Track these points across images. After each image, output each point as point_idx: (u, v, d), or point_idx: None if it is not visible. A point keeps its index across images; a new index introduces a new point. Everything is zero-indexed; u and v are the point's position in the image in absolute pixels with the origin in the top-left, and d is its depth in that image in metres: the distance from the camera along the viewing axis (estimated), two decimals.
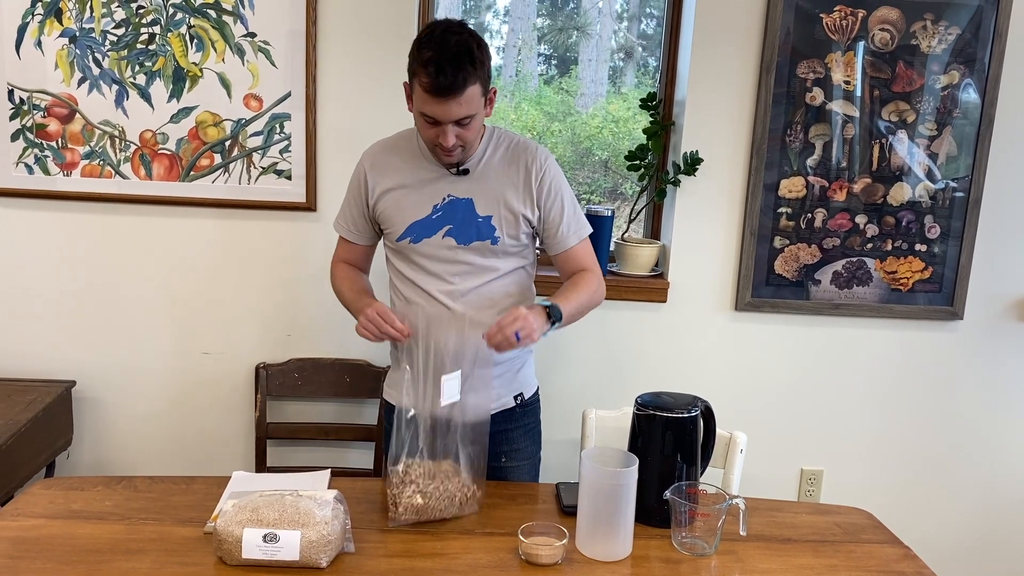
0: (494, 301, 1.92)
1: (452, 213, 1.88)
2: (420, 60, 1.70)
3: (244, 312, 2.65)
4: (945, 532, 2.85)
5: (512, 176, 1.89)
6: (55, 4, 2.45)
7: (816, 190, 2.62)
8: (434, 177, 1.90)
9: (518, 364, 2.02)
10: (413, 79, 1.75)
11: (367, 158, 1.98)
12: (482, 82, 1.74)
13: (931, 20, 2.53)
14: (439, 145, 1.79)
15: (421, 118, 1.77)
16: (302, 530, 1.49)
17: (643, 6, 3.41)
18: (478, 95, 1.74)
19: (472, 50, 1.70)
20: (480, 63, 1.72)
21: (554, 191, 1.91)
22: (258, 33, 2.48)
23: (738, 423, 2.27)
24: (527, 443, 2.06)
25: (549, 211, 1.91)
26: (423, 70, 1.69)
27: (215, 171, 2.56)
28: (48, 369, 2.65)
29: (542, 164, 1.90)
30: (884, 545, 1.72)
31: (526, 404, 2.05)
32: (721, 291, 2.70)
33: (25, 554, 1.52)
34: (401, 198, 1.91)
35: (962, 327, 2.74)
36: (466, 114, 1.74)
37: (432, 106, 1.72)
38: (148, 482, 1.83)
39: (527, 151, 1.91)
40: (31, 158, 2.53)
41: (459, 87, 1.69)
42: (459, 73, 1.68)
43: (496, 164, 1.90)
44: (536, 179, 1.89)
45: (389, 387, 2.11)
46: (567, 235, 1.94)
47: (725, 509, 1.64)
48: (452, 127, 1.75)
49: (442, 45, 1.68)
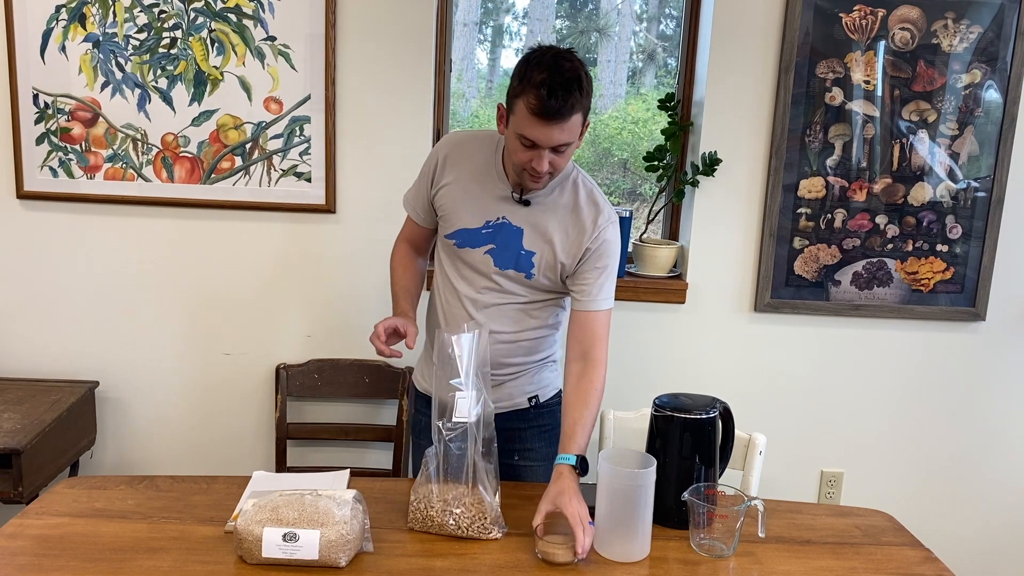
0: (515, 320, 1.93)
1: (499, 235, 1.87)
2: (532, 81, 1.66)
3: (264, 313, 2.67)
4: (966, 534, 2.83)
5: (569, 225, 1.86)
6: (79, 9, 2.48)
7: (836, 190, 2.60)
8: (497, 196, 1.87)
9: (536, 369, 2.02)
10: (516, 99, 1.70)
11: (447, 145, 1.95)
12: (584, 112, 1.73)
13: (952, 19, 2.51)
14: (530, 170, 1.75)
15: (517, 140, 1.73)
16: (321, 529, 1.50)
17: (662, 7, 3.40)
18: (579, 124, 1.72)
19: (582, 78, 1.69)
20: (587, 93, 1.71)
21: (608, 255, 1.87)
22: (278, 37, 2.50)
23: (757, 424, 2.26)
24: (541, 444, 2.05)
25: (587, 272, 1.87)
26: (534, 91, 1.65)
27: (236, 174, 2.58)
28: (72, 370, 2.68)
29: (603, 228, 1.86)
30: (904, 547, 1.71)
31: (542, 406, 2.05)
32: (740, 292, 2.69)
33: (49, 552, 1.54)
34: (460, 201, 1.90)
35: (984, 328, 2.71)
36: (567, 141, 1.71)
37: (535, 129, 1.68)
38: (170, 481, 1.85)
39: (595, 208, 1.87)
40: (55, 161, 2.56)
41: (566, 113, 1.67)
42: (569, 98, 1.65)
43: (560, 207, 1.87)
44: (590, 239, 1.85)
45: (421, 376, 2.11)
46: (599, 298, 1.88)
47: (744, 511, 1.63)
48: (548, 153, 1.72)
49: (555, 69, 1.66)
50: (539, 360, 2.02)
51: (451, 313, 1.95)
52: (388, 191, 2.46)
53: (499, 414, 1.97)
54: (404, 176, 2.16)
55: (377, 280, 2.60)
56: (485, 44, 4.11)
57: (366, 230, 2.60)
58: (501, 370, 1.95)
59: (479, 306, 1.92)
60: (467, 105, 3.71)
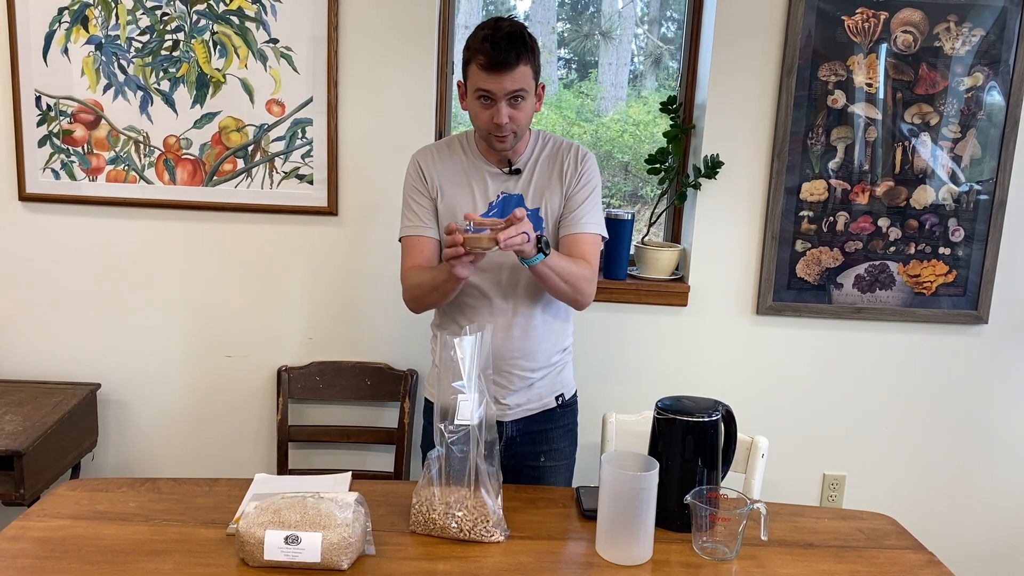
0: (541, 292, 1.96)
1: (506, 208, 1.94)
2: (476, 39, 1.82)
3: (266, 316, 2.67)
4: (969, 538, 2.82)
5: (556, 169, 1.99)
6: (81, 12, 2.48)
7: (838, 193, 2.60)
8: (487, 176, 1.98)
9: (560, 366, 2.07)
10: (468, 65, 1.85)
11: (420, 157, 2.02)
12: (533, 68, 1.86)
13: (955, 22, 2.51)
14: (492, 128, 1.86)
15: (476, 100, 1.86)
16: (323, 532, 1.50)
17: (664, 9, 3.40)
18: (529, 76, 1.85)
19: (524, 34, 1.84)
20: (531, 48, 1.85)
21: (585, 180, 1.98)
22: (280, 39, 2.51)
23: (760, 427, 2.25)
24: (565, 443, 2.10)
25: (575, 194, 1.97)
26: (479, 46, 1.81)
27: (238, 176, 2.58)
28: (73, 372, 2.68)
29: (582, 158, 2.00)
30: (907, 551, 1.71)
31: (566, 404, 2.09)
32: (742, 295, 2.68)
33: (51, 554, 1.54)
34: (457, 195, 1.97)
35: (987, 331, 2.71)
36: (519, 88, 1.83)
37: (487, 81, 1.82)
38: (171, 484, 1.84)
39: (571, 148, 2.01)
40: (58, 164, 2.57)
41: (512, 62, 1.81)
42: (512, 50, 1.80)
43: (542, 161, 1.99)
44: (574, 168, 1.98)
45: (432, 386, 2.12)
46: (581, 220, 1.97)
47: (746, 514, 1.63)
48: (505, 106, 1.83)
49: (496, 27, 1.82)
50: (562, 351, 2.06)
51: (475, 309, 1.96)
52: (390, 194, 2.46)
53: (527, 417, 2.02)
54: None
55: (379, 282, 2.61)
56: None
57: (368, 232, 2.61)
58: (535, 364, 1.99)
59: (506, 288, 1.95)
60: None
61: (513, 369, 1.98)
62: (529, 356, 1.98)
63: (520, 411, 2.01)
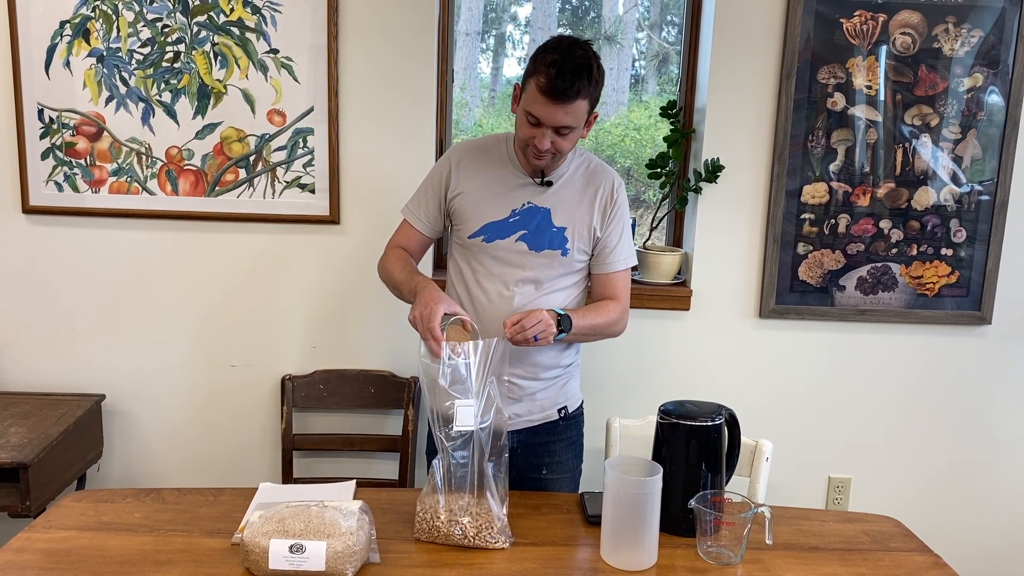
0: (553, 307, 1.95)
1: (529, 219, 1.93)
2: (543, 61, 1.76)
3: (269, 325, 2.68)
4: (975, 540, 2.81)
5: (589, 194, 1.96)
6: (83, 25, 2.49)
7: (839, 195, 2.60)
8: (518, 184, 1.96)
9: (563, 379, 2.05)
10: (529, 79, 1.79)
11: (456, 153, 2.01)
12: (591, 100, 1.82)
13: (953, 23, 2.52)
14: (532, 146, 1.83)
15: (524, 117, 1.82)
16: (328, 540, 1.50)
17: (663, 14, 3.41)
18: (584, 111, 1.81)
19: (592, 67, 1.77)
20: (596, 82, 1.80)
21: (619, 216, 1.99)
22: (280, 49, 2.52)
23: (764, 431, 2.25)
24: (569, 456, 2.09)
25: (609, 233, 1.97)
26: (544, 70, 1.75)
27: (240, 186, 2.59)
28: (78, 383, 2.69)
29: (616, 189, 1.98)
30: (913, 553, 1.71)
31: (569, 417, 2.07)
32: (744, 298, 2.68)
33: (56, 565, 1.54)
34: (482, 198, 1.95)
35: (990, 332, 2.70)
36: (570, 124, 1.80)
37: (541, 107, 1.77)
38: (176, 494, 1.85)
39: (606, 173, 2.00)
40: (60, 176, 2.58)
41: (572, 96, 1.75)
42: (576, 82, 1.74)
43: (576, 181, 1.97)
44: (610, 201, 1.97)
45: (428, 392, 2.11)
46: (616, 259, 1.99)
47: (751, 518, 1.63)
48: (551, 133, 1.80)
49: (567, 54, 1.75)
50: (569, 366, 2.05)
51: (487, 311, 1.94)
52: (392, 202, 2.46)
53: (529, 428, 2.01)
54: (408, 186, 2.16)
55: (382, 290, 2.60)
56: (487, 53, 4.13)
57: (370, 241, 2.61)
58: (535, 375, 1.98)
59: (511, 301, 1.93)
60: (470, 115, 3.72)
61: (513, 379, 1.96)
62: (528, 368, 1.97)
63: (521, 422, 2.00)
